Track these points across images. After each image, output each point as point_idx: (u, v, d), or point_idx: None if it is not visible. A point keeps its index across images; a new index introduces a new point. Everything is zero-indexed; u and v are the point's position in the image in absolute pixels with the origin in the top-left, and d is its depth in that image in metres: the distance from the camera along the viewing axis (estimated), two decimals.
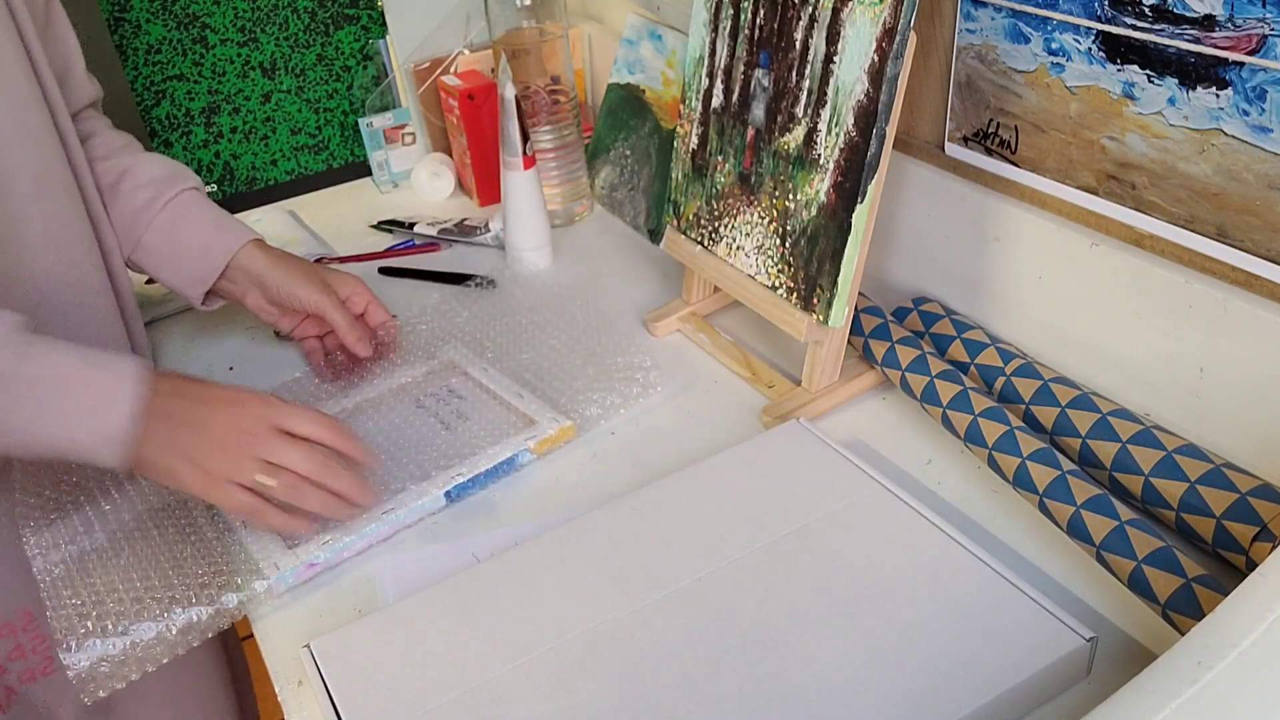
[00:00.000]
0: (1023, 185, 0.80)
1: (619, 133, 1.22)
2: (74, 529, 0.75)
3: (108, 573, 0.71)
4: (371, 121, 1.31)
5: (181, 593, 0.69)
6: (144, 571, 0.71)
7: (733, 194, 0.89)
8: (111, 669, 0.65)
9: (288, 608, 0.73)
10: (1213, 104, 0.64)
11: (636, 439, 0.86)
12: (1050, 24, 0.72)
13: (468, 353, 0.95)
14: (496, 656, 0.63)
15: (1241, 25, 0.60)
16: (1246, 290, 0.67)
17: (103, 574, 0.71)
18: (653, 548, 0.70)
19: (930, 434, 0.82)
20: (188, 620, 0.68)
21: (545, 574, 0.69)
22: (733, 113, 0.88)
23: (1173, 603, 0.60)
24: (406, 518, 0.77)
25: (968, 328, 0.84)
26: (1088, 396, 0.73)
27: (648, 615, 0.65)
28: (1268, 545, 0.60)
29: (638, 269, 1.11)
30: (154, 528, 0.75)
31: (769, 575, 0.66)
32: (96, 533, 0.75)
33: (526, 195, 1.08)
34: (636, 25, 1.19)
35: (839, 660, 0.60)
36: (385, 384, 0.92)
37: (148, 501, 0.78)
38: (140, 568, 0.71)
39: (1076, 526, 0.66)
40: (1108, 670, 0.62)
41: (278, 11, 1.31)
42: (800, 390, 0.87)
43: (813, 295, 0.82)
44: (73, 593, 0.69)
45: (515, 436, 0.83)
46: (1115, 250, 0.73)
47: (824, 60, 0.78)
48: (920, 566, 0.66)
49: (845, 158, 0.77)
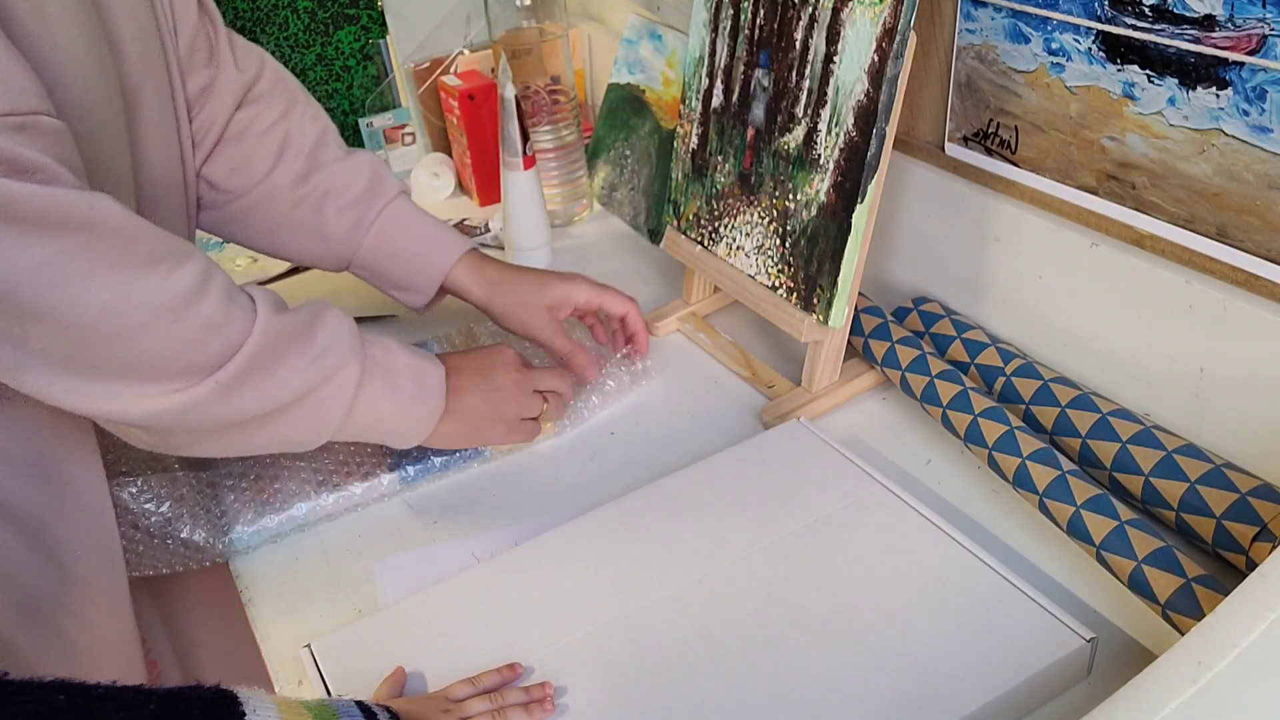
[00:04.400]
0: (1023, 185, 0.80)
1: (619, 133, 1.22)
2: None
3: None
4: (371, 121, 1.31)
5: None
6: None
7: (733, 194, 0.89)
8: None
9: (288, 608, 0.73)
10: (1213, 104, 0.64)
11: (636, 439, 0.86)
12: (1050, 24, 0.72)
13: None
14: (496, 657, 0.63)
15: (1241, 25, 0.60)
16: (1246, 290, 0.67)
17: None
18: (653, 548, 0.70)
19: (930, 434, 0.82)
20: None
21: (545, 574, 0.69)
22: (733, 113, 0.88)
23: (1173, 603, 0.60)
24: (363, 497, 0.80)
25: (968, 328, 0.84)
26: (1088, 396, 0.73)
27: (648, 615, 0.65)
28: (1268, 545, 0.60)
29: (638, 269, 1.11)
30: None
31: (769, 575, 0.66)
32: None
33: (526, 195, 1.08)
34: (636, 25, 1.19)
35: (839, 660, 0.60)
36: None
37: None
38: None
39: (1076, 526, 0.66)
40: (1108, 670, 0.62)
41: (278, 11, 1.31)
42: (800, 390, 0.87)
43: (813, 295, 0.82)
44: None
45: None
46: (1115, 250, 0.73)
47: (824, 60, 0.78)
48: (920, 566, 0.66)
49: (845, 158, 0.77)
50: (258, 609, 0.73)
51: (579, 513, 0.74)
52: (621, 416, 0.88)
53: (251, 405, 0.64)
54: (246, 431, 0.66)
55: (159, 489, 0.76)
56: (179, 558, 0.75)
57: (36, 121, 0.55)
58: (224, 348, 0.62)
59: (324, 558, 0.77)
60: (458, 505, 0.80)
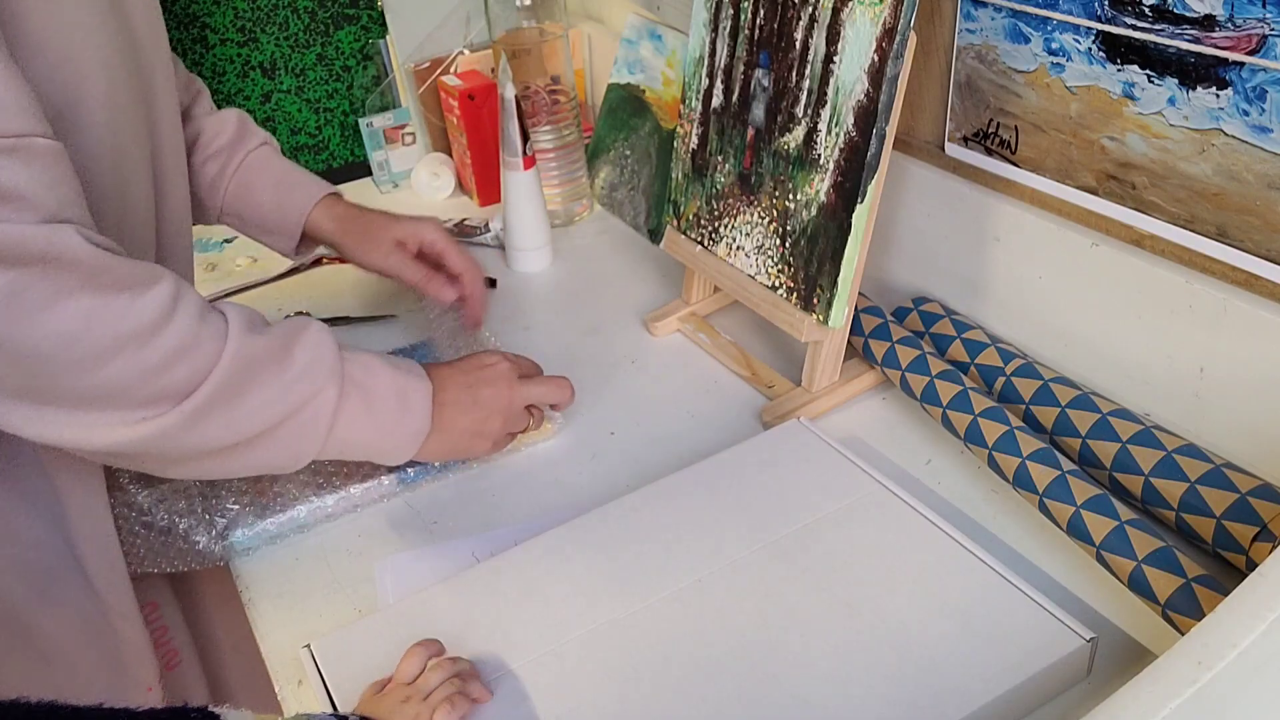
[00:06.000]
0: (1023, 185, 0.80)
1: (619, 133, 1.22)
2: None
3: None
4: (371, 121, 1.31)
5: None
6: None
7: (733, 194, 0.89)
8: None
9: (288, 608, 0.73)
10: (1213, 104, 0.64)
11: (636, 439, 0.86)
12: (1050, 24, 0.72)
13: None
14: (496, 657, 0.63)
15: (1241, 25, 0.60)
16: (1246, 290, 0.67)
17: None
18: (653, 548, 0.70)
19: (930, 434, 0.82)
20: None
21: (545, 574, 0.69)
22: (733, 113, 0.88)
23: (1173, 603, 0.60)
24: (363, 497, 0.80)
25: (968, 328, 0.84)
26: (1088, 396, 0.73)
27: (648, 615, 0.65)
28: (1268, 545, 0.60)
29: (638, 269, 1.11)
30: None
31: (769, 575, 0.66)
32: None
33: (526, 195, 1.08)
34: (636, 25, 1.19)
35: (839, 660, 0.60)
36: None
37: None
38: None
39: (1076, 526, 0.66)
40: (1108, 670, 0.62)
41: (277, 11, 1.31)
42: (800, 390, 0.87)
43: (813, 295, 0.82)
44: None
45: None
46: (1115, 250, 0.73)
47: (824, 60, 0.78)
48: (920, 566, 0.66)
49: (845, 158, 0.77)
50: (258, 609, 0.73)
51: (579, 513, 0.74)
52: (621, 416, 0.88)
53: (223, 433, 0.63)
54: (221, 458, 0.65)
55: (160, 489, 0.76)
56: (180, 558, 0.75)
57: (30, 144, 0.55)
58: (191, 374, 0.61)
59: (324, 558, 0.77)
60: (458, 505, 0.80)
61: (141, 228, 0.73)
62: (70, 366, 0.56)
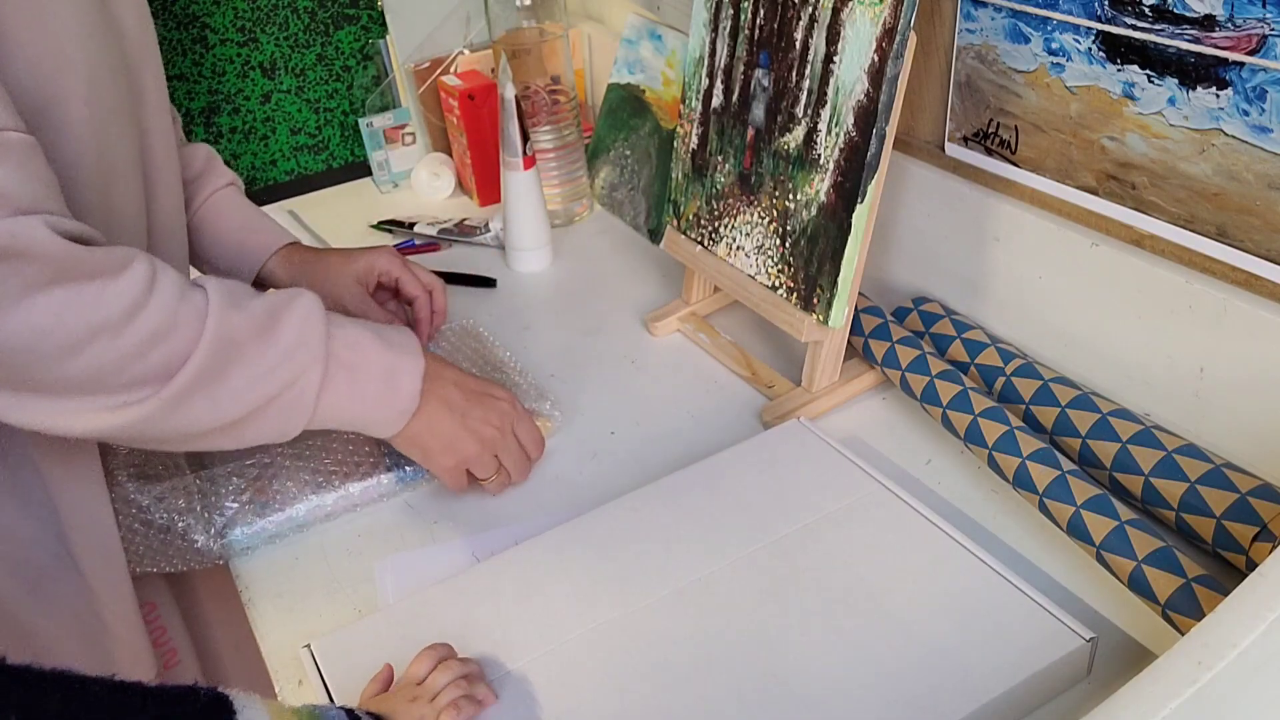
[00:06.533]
0: (1023, 185, 0.80)
1: (619, 133, 1.22)
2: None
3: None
4: (371, 121, 1.31)
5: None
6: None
7: (733, 194, 0.89)
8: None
9: (288, 608, 0.73)
10: (1213, 104, 0.64)
11: (636, 438, 0.86)
12: (1050, 24, 0.72)
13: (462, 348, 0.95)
14: (496, 657, 0.63)
15: (1241, 25, 0.60)
16: (1246, 290, 0.67)
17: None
18: (653, 547, 0.70)
19: (930, 434, 0.82)
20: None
21: (545, 574, 0.69)
22: (733, 113, 0.88)
23: (1173, 603, 0.60)
24: (362, 497, 0.80)
25: (968, 328, 0.84)
26: (1088, 396, 0.73)
27: (648, 615, 0.65)
28: (1268, 545, 0.60)
29: (638, 269, 1.11)
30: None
31: (769, 575, 0.66)
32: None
33: (526, 195, 1.08)
34: (636, 25, 1.19)
35: (839, 660, 0.60)
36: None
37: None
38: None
39: (1076, 526, 0.66)
40: (1108, 670, 0.62)
41: (277, 11, 1.31)
42: (800, 390, 0.87)
43: (813, 295, 0.82)
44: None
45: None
46: (1115, 250, 0.73)
47: (824, 60, 0.78)
48: (920, 566, 0.66)
49: (845, 158, 0.77)
50: (258, 609, 0.73)
51: (579, 513, 0.74)
52: (621, 416, 0.88)
53: (208, 416, 0.63)
54: (209, 438, 0.65)
55: (158, 488, 0.76)
56: (179, 557, 0.75)
57: (2, 139, 0.55)
58: (170, 357, 0.60)
59: (324, 558, 0.77)
60: (458, 505, 0.80)
61: (131, 226, 0.73)
62: (44, 358, 0.56)
